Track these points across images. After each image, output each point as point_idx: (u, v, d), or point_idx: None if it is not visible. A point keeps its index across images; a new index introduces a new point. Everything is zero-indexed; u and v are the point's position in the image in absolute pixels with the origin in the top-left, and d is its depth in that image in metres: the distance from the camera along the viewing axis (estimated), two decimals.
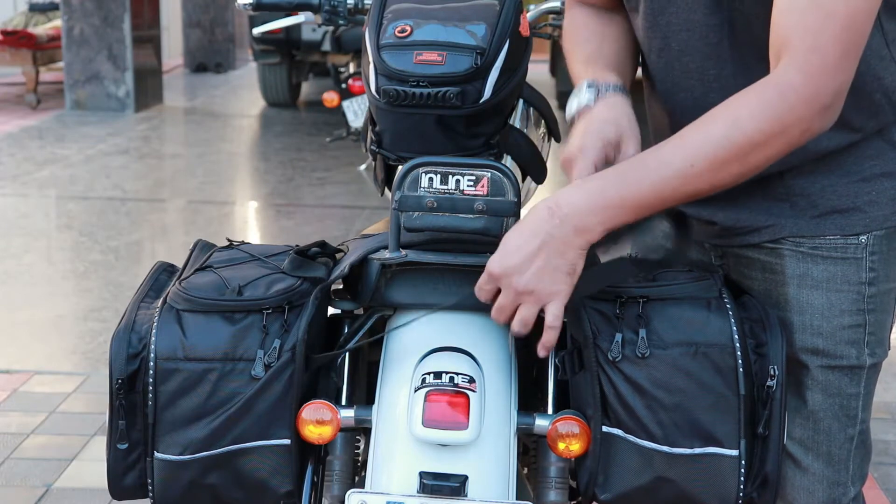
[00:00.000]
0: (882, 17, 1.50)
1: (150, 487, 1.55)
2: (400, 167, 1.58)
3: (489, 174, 1.53)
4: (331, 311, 1.69)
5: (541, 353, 1.52)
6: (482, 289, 1.51)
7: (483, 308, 1.63)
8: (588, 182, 1.47)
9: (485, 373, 1.54)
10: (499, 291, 1.49)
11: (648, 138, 1.79)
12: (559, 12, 2.28)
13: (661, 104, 1.65)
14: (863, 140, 1.56)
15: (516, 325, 1.49)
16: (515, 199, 1.53)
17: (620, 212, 1.45)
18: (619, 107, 1.62)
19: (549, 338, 1.50)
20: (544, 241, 1.45)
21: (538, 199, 1.52)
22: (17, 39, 10.21)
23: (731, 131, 1.42)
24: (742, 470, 1.51)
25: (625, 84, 1.67)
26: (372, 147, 1.81)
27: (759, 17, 1.50)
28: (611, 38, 1.74)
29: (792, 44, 1.41)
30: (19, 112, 9.97)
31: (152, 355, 1.51)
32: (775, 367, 1.50)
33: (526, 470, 1.84)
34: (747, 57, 1.52)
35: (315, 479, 1.65)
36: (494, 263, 1.47)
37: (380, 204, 5.50)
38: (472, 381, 1.50)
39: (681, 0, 1.56)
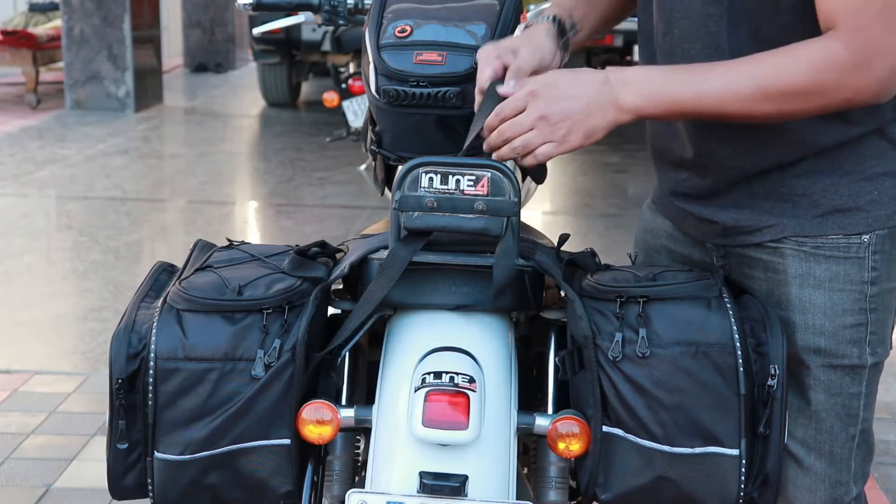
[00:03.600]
0: None
1: (150, 487, 1.55)
2: (400, 167, 1.58)
3: (489, 174, 1.53)
4: (331, 311, 1.69)
5: (525, 163, 1.55)
6: (510, 106, 1.53)
7: (483, 308, 1.63)
8: (642, 69, 1.55)
9: (485, 373, 1.54)
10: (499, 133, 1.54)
11: (640, 135, 1.80)
12: None
13: None
14: (864, 139, 1.56)
15: (506, 150, 1.53)
16: (515, 199, 1.53)
17: (656, 108, 1.51)
18: (533, 31, 1.70)
19: (527, 163, 1.55)
20: (588, 98, 1.51)
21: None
22: (17, 39, 10.20)
23: (774, 77, 1.46)
24: (743, 469, 1.51)
25: (566, 18, 1.74)
26: (372, 147, 1.81)
27: (760, 6, 1.50)
28: None
29: (837, 21, 1.44)
30: (19, 112, 9.97)
31: (152, 355, 1.51)
32: (776, 366, 1.50)
33: (526, 470, 1.84)
34: (745, 48, 1.52)
35: (315, 479, 1.65)
36: (536, 82, 1.53)
37: (380, 204, 5.50)
38: (472, 380, 1.50)
39: None
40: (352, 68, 6.54)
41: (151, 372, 1.50)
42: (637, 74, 1.52)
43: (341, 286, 1.76)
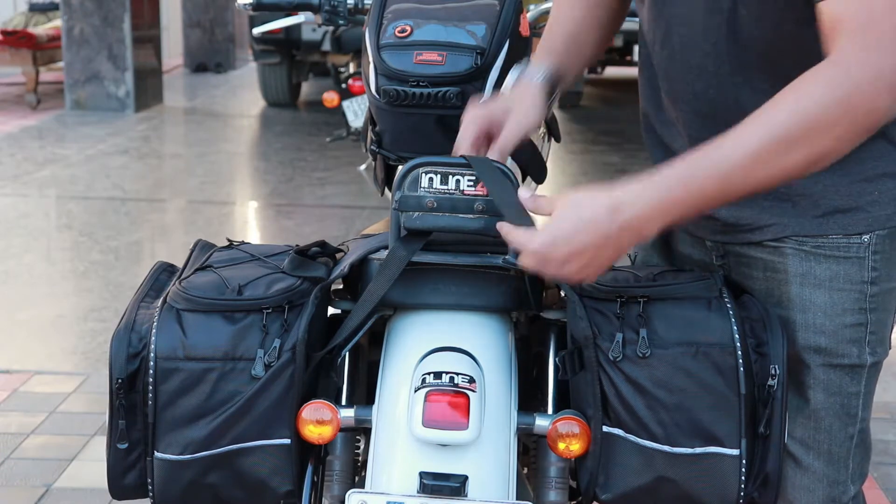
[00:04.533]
0: None
1: (150, 487, 1.55)
2: (400, 167, 1.58)
3: None
4: (331, 311, 1.69)
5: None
6: (524, 259, 1.43)
7: (483, 308, 1.63)
8: (652, 187, 1.40)
9: (485, 373, 1.54)
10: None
11: (640, 135, 1.79)
12: None
13: (665, 92, 1.65)
14: (866, 141, 1.55)
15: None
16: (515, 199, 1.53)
17: (683, 208, 1.40)
18: (525, 92, 1.68)
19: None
20: (598, 242, 1.39)
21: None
22: (17, 39, 10.20)
23: (793, 115, 1.36)
24: (743, 469, 1.51)
25: (555, 71, 1.71)
26: (372, 147, 1.81)
27: (760, 19, 1.50)
28: (580, 21, 1.79)
29: (845, 25, 1.36)
30: (19, 112, 9.97)
31: (152, 355, 1.51)
32: (776, 366, 1.50)
33: (526, 470, 1.84)
34: (745, 57, 1.52)
35: (315, 479, 1.65)
36: (544, 247, 1.40)
37: (380, 204, 5.50)
38: (472, 381, 1.50)
39: None
40: (352, 68, 6.53)
41: (151, 372, 1.51)
42: (647, 200, 1.39)
43: (341, 286, 1.76)
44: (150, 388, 1.51)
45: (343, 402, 1.65)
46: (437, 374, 1.50)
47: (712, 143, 1.40)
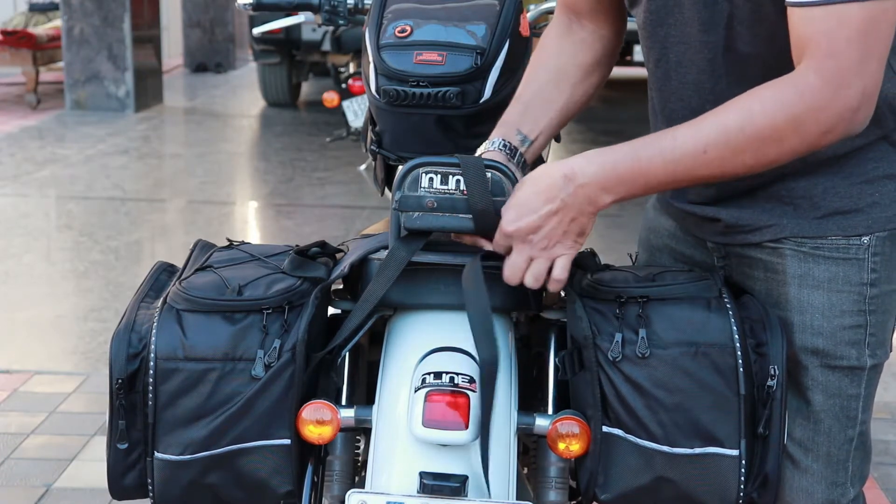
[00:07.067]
0: None
1: (150, 487, 1.55)
2: (400, 167, 1.58)
3: (489, 175, 1.53)
4: (331, 311, 1.69)
5: (553, 288, 1.54)
6: (498, 244, 1.53)
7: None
8: (602, 155, 1.49)
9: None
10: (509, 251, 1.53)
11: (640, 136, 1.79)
12: None
13: (660, 110, 1.66)
14: (865, 144, 1.55)
15: (529, 280, 1.52)
16: None
17: (632, 187, 1.48)
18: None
19: (555, 287, 1.54)
20: (559, 207, 1.48)
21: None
22: (17, 39, 10.20)
23: (744, 123, 1.43)
24: (742, 470, 1.51)
25: (513, 137, 1.68)
26: (372, 147, 1.82)
27: (755, 34, 1.50)
28: (554, 72, 1.75)
29: (809, 49, 1.40)
30: (19, 112, 9.97)
31: (152, 355, 1.51)
32: (775, 366, 1.50)
33: (526, 470, 1.84)
34: (743, 72, 1.53)
35: (315, 479, 1.65)
36: (510, 223, 1.50)
37: (380, 204, 5.50)
38: (472, 381, 1.50)
39: (678, 14, 1.56)
40: (352, 68, 6.54)
41: (151, 372, 1.51)
42: (597, 170, 1.48)
43: (341, 286, 1.76)
44: (150, 388, 1.51)
45: (343, 402, 1.65)
46: (438, 374, 1.50)
47: (668, 130, 1.48)
